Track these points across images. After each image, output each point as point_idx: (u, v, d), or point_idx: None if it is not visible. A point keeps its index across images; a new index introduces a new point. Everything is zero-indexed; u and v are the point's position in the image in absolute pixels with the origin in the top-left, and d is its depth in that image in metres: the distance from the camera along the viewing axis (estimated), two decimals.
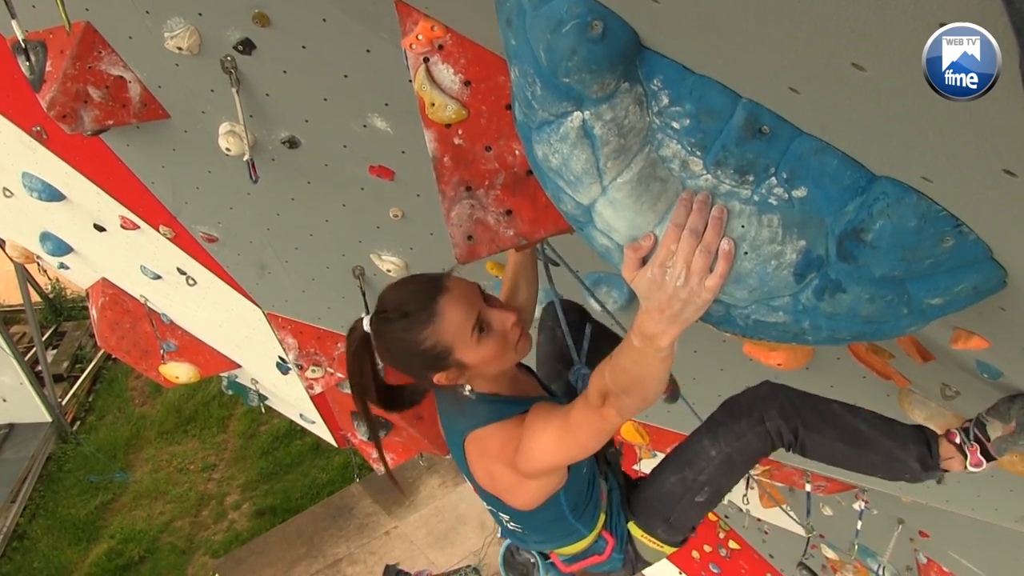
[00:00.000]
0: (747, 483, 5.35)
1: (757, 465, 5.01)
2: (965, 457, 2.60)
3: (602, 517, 2.63)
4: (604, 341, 3.09)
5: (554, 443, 2.11)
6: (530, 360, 2.63)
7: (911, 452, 2.57)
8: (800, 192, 1.45)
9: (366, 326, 2.18)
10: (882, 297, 1.52)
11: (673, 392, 3.55)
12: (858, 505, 4.96)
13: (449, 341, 2.11)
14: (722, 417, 2.57)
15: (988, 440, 2.59)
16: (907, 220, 1.37)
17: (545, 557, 2.79)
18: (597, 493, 2.59)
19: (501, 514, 2.53)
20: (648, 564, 2.82)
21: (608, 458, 2.78)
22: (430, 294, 2.11)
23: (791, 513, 5.49)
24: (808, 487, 4.93)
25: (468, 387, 2.27)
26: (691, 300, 1.57)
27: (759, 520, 6.57)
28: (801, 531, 5.55)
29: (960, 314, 1.66)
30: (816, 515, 5.55)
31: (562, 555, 2.71)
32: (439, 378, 2.18)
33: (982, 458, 2.61)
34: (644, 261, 1.61)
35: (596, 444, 2.14)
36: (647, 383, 1.81)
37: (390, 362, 2.23)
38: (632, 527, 2.71)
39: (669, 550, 2.74)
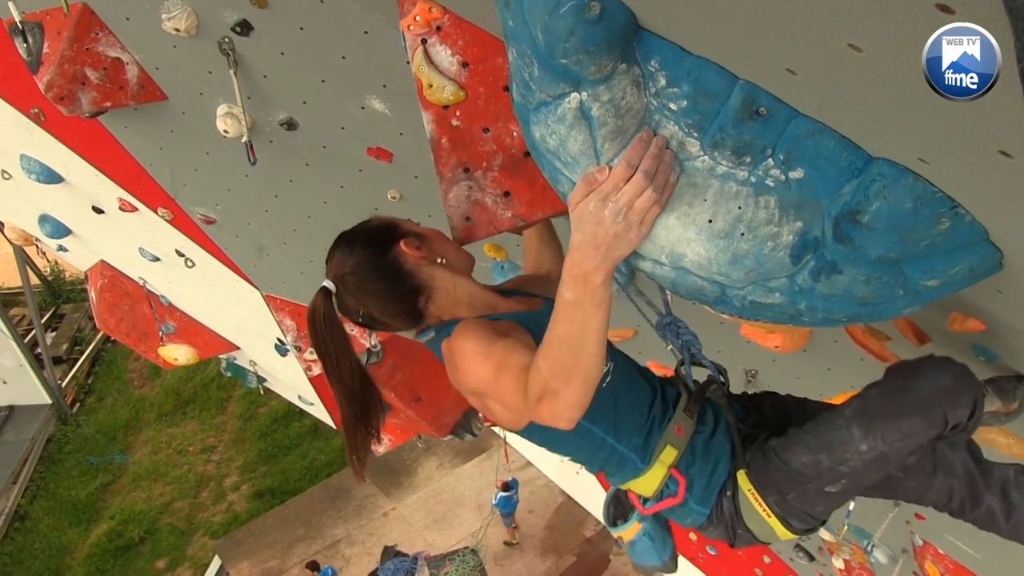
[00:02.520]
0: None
1: None
2: None
3: (669, 451, 2.28)
4: None
5: (484, 379, 1.98)
6: None
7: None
8: (797, 173, 1.45)
9: (326, 283, 2.17)
10: (878, 278, 1.52)
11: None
12: None
13: (391, 218, 2.24)
14: (884, 406, 2.05)
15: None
16: (903, 201, 1.37)
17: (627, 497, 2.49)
18: (659, 421, 2.29)
19: (544, 445, 2.32)
20: (756, 538, 2.35)
21: (708, 394, 2.44)
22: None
23: None
24: None
25: (432, 331, 2.23)
26: (624, 236, 1.57)
27: None
28: None
29: (956, 296, 1.66)
30: None
31: (640, 494, 2.39)
32: (404, 244, 2.16)
33: None
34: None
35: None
36: (589, 347, 1.69)
37: (356, 278, 2.16)
38: (741, 477, 2.29)
39: (781, 531, 2.27)
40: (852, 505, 5.08)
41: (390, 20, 2.45)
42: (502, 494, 14.35)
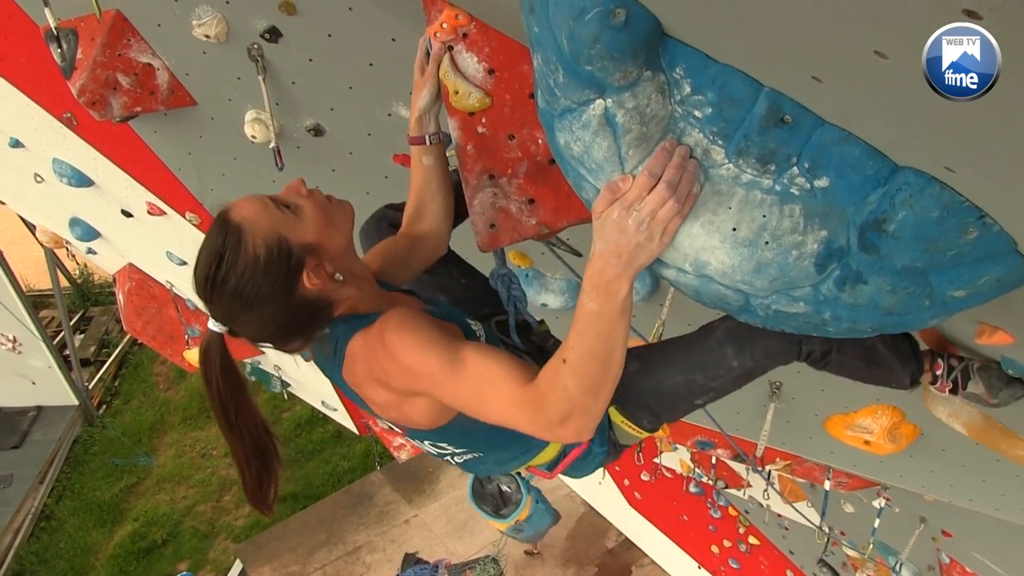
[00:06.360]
0: (768, 478, 5.33)
1: (778, 460, 5.00)
2: (934, 382, 2.70)
3: None
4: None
5: (429, 372, 1.87)
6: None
7: (908, 368, 2.66)
8: (822, 182, 1.45)
9: (213, 326, 1.97)
10: (904, 288, 1.51)
11: None
12: (878, 503, 4.94)
13: (271, 228, 1.91)
14: (755, 328, 2.10)
15: (963, 388, 2.66)
16: (930, 211, 1.36)
17: (522, 476, 2.61)
18: None
19: (440, 445, 2.25)
20: (624, 447, 2.56)
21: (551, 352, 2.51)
22: (219, 224, 1.93)
23: (806, 515, 5.47)
24: (828, 484, 4.90)
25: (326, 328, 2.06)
26: (647, 246, 1.58)
27: (779, 516, 6.55)
28: (823, 527, 5.53)
29: (984, 308, 1.64)
30: (837, 512, 5.53)
31: (539, 465, 2.45)
32: (308, 279, 1.94)
33: (948, 393, 2.70)
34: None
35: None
36: (616, 356, 1.70)
37: (257, 322, 1.95)
38: (612, 412, 2.42)
39: (645, 435, 2.49)
40: (877, 522, 5.03)
41: (417, 27, 2.46)
42: None
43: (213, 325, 1.97)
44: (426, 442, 2.25)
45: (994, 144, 1.15)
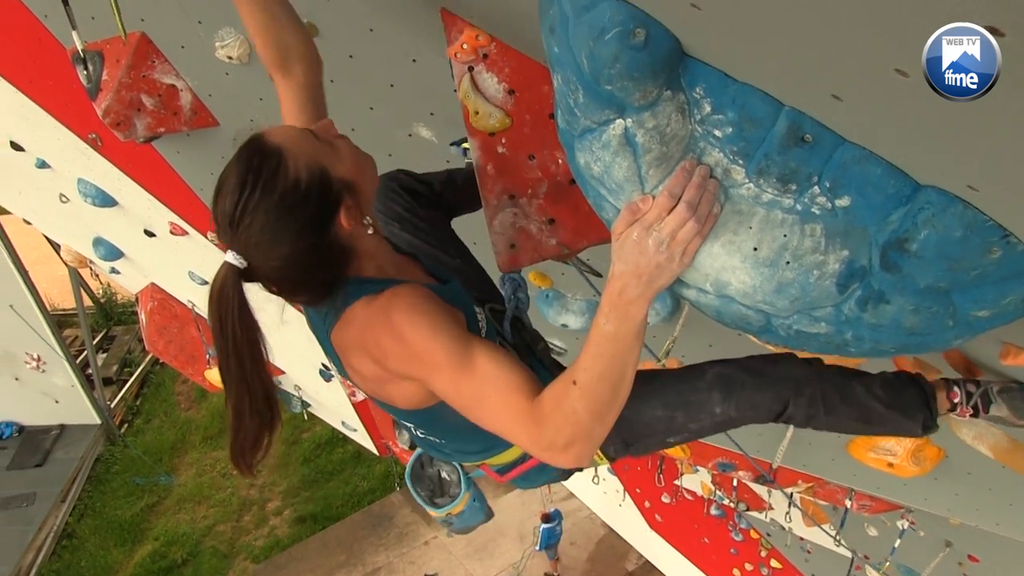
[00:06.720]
0: (790, 497, 5.28)
1: (800, 482, 4.95)
2: (953, 409, 2.61)
3: None
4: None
5: (445, 381, 1.78)
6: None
7: (917, 421, 2.57)
8: (843, 201, 1.43)
9: (231, 259, 1.78)
10: (927, 308, 1.49)
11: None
12: (901, 524, 4.88)
13: (314, 156, 1.80)
14: (746, 379, 2.31)
15: (985, 412, 2.59)
16: (952, 230, 1.35)
17: (465, 471, 2.48)
18: None
19: (406, 421, 2.16)
20: (578, 470, 2.49)
21: (539, 356, 2.43)
22: (252, 148, 1.80)
23: (831, 532, 5.40)
24: (850, 504, 4.84)
25: None
26: (667, 267, 1.56)
27: (802, 539, 6.48)
28: (844, 551, 5.46)
29: (1009, 328, 1.62)
30: (861, 536, 5.46)
31: (493, 465, 2.37)
32: (344, 218, 1.83)
33: (970, 417, 2.63)
34: None
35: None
36: (627, 380, 1.66)
37: (281, 259, 1.80)
38: None
39: (605, 464, 2.42)
40: (898, 543, 4.97)
41: (438, 48, 2.48)
42: (544, 526, 14.18)
43: (231, 258, 1.77)
44: (394, 415, 2.19)
45: (1017, 161, 1.13)
